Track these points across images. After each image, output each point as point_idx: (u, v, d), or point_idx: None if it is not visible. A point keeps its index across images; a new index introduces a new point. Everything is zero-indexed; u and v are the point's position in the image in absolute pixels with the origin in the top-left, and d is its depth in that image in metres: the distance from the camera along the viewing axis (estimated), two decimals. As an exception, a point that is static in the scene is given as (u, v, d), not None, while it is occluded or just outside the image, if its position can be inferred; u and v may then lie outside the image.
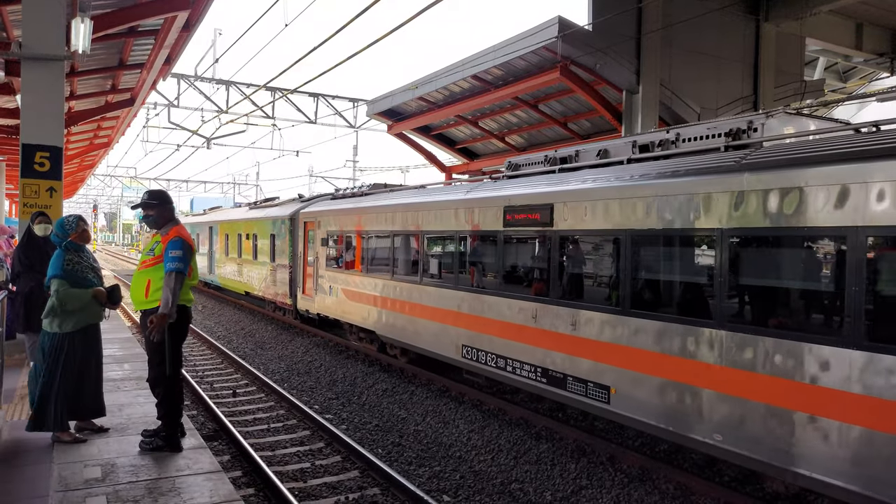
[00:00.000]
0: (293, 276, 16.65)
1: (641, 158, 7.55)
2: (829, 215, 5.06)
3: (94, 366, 5.73)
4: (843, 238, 4.99)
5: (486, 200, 9.22)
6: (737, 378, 5.73)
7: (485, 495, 6.59)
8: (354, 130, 26.26)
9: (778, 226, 5.45)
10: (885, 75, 18.25)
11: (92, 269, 5.72)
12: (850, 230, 4.91)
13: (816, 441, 5.10)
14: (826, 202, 5.08)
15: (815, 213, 5.17)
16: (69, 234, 5.65)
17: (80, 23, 8.52)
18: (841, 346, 4.96)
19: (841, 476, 4.92)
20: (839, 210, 4.98)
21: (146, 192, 5.93)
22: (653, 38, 13.60)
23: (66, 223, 5.70)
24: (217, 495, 4.66)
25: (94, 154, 28.19)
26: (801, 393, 5.23)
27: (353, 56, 10.58)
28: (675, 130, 7.30)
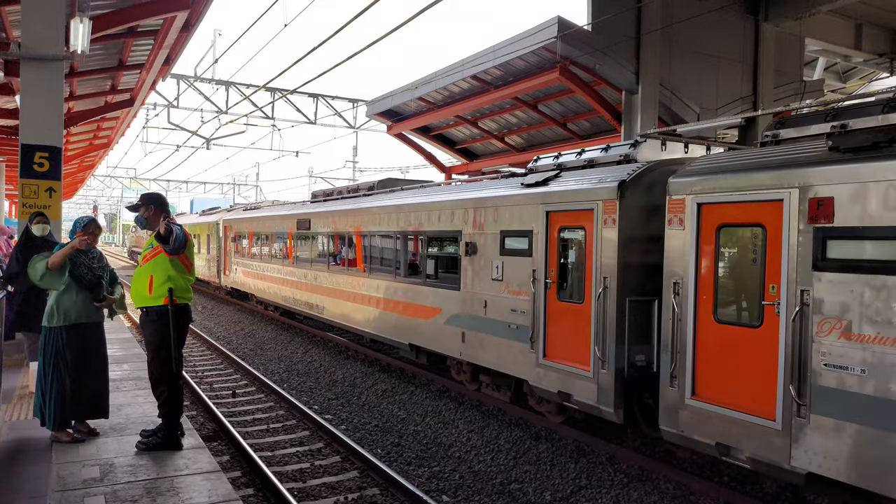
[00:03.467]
0: (219, 264, 24.10)
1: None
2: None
3: (93, 366, 5.70)
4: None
5: (295, 215, 16.83)
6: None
7: (484, 495, 6.58)
8: (354, 131, 26.28)
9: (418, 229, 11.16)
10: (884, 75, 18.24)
11: (89, 268, 5.70)
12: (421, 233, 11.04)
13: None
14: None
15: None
16: (76, 230, 5.76)
17: (79, 23, 8.51)
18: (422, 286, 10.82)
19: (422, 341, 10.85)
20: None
21: (141, 195, 5.97)
22: (652, 38, 13.60)
23: (78, 221, 5.87)
24: (216, 495, 4.65)
25: (93, 155, 28.17)
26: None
27: (353, 56, 10.58)
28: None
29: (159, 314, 5.42)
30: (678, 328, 6.33)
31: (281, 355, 13.73)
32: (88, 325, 5.68)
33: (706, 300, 6.16)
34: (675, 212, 6.46)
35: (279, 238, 17.98)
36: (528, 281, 8.28)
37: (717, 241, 6.12)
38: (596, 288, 7.29)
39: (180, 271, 5.53)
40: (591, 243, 7.43)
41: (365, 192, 14.29)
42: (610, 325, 7.12)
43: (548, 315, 8.05)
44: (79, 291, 5.62)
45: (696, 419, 6.11)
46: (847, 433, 4.96)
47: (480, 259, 9.23)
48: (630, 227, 7.13)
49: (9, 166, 23.87)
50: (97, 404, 5.81)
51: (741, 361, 5.82)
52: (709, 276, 6.17)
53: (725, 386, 5.93)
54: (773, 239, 5.57)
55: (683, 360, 6.27)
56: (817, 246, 5.22)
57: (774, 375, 5.48)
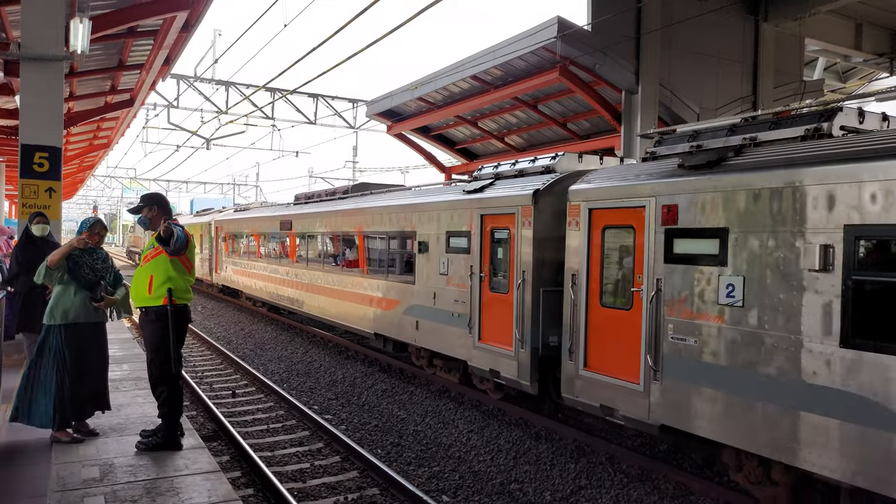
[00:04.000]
0: (211, 262, 25.28)
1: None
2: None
3: (92, 366, 5.69)
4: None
5: (278, 216, 18.15)
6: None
7: (484, 495, 6.58)
8: (354, 131, 26.28)
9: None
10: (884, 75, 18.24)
11: (92, 268, 5.69)
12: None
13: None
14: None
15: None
16: (81, 231, 5.79)
17: (79, 23, 8.51)
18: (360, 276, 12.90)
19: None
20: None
21: (142, 195, 5.98)
22: (652, 39, 13.59)
23: (84, 221, 5.92)
24: (215, 495, 4.65)
25: (93, 155, 28.18)
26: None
27: (353, 56, 10.58)
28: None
29: (158, 314, 5.42)
30: (574, 313, 7.62)
31: (281, 355, 13.73)
32: (88, 326, 5.66)
33: (595, 289, 7.48)
34: (573, 215, 7.75)
35: (264, 238, 19.32)
36: (466, 275, 9.54)
37: (603, 240, 7.43)
38: (517, 280, 8.55)
39: (180, 272, 5.53)
40: (514, 242, 8.68)
41: (340, 196, 15.42)
42: (527, 311, 8.38)
43: (482, 304, 9.30)
44: (78, 291, 5.60)
45: (587, 386, 7.44)
46: (686, 392, 6.24)
47: (430, 256, 10.47)
48: (543, 229, 8.38)
49: (9, 166, 23.87)
50: (97, 401, 5.83)
51: (618, 338, 7.09)
52: (596, 269, 7.48)
53: (608, 358, 7.24)
54: (639, 238, 6.85)
55: (578, 339, 7.57)
56: (667, 243, 6.53)
57: (639, 348, 6.76)
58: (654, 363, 6.52)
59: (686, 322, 6.28)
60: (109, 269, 5.87)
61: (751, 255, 5.76)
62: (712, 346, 6.02)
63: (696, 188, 6.26)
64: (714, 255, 6.07)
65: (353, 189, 15.31)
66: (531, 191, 8.45)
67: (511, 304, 8.63)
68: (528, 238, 8.39)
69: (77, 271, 5.60)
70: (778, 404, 5.46)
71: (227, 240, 23.46)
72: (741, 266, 5.84)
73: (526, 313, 8.39)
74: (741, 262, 5.83)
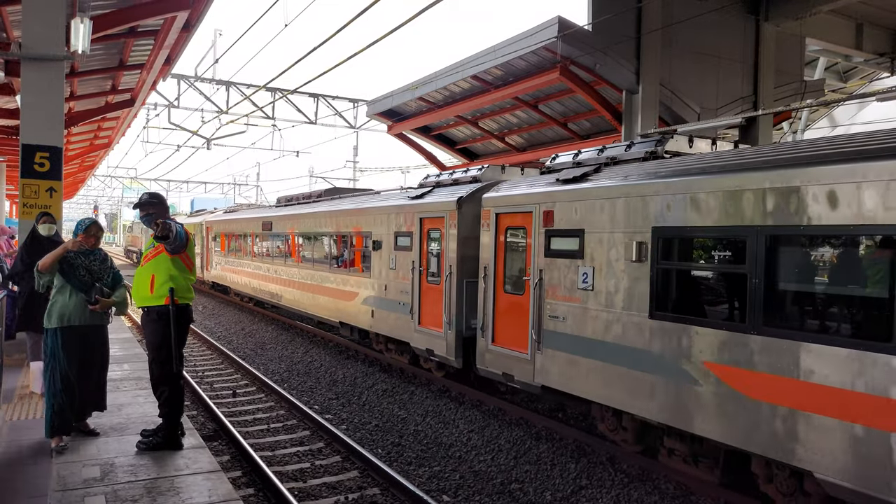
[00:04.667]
0: (202, 261, 26.30)
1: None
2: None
3: (90, 370, 5.62)
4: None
5: (260, 218, 19.93)
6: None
7: (484, 495, 6.58)
8: (355, 131, 26.27)
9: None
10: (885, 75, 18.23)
11: (89, 270, 5.63)
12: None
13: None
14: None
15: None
16: (77, 233, 5.70)
17: (80, 23, 8.52)
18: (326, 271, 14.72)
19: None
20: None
21: (145, 193, 5.97)
22: (652, 38, 13.59)
23: (80, 223, 5.83)
24: (216, 495, 4.65)
25: (94, 155, 28.18)
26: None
27: (353, 56, 10.58)
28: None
29: (160, 314, 5.42)
30: (485, 298, 9.27)
31: (281, 355, 13.73)
32: (86, 328, 5.56)
33: (500, 278, 9.10)
34: (485, 218, 9.39)
35: (248, 238, 21.10)
36: (410, 269, 11.13)
37: (506, 239, 9.03)
38: (446, 273, 10.17)
39: (182, 270, 5.53)
40: (444, 241, 10.34)
41: (314, 199, 17.17)
42: (453, 299, 9.99)
43: (421, 294, 10.92)
44: (74, 293, 5.52)
45: (494, 358, 9.08)
46: (558, 358, 7.85)
47: (382, 253, 12.13)
48: (466, 230, 9.99)
49: (9, 166, 23.88)
50: (95, 403, 5.79)
51: (515, 318, 8.71)
52: (501, 262, 9.11)
53: (508, 335, 8.86)
54: (529, 237, 8.46)
55: (488, 320, 9.20)
56: (546, 241, 8.12)
57: (527, 325, 8.35)
58: (537, 337, 8.16)
59: (558, 303, 7.90)
60: (108, 270, 5.78)
61: (598, 249, 7.33)
62: (574, 322, 7.60)
63: (565, 198, 7.88)
64: (575, 250, 7.64)
65: (325, 193, 17.08)
66: (456, 198, 10.12)
67: (442, 293, 10.28)
68: (454, 237, 10.03)
69: (72, 273, 5.52)
70: (619, 365, 6.95)
71: (216, 239, 25.24)
72: (592, 258, 7.41)
73: (452, 301, 9.99)
74: (592, 255, 7.40)
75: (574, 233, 7.65)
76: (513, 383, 8.67)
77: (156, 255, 5.48)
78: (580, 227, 7.58)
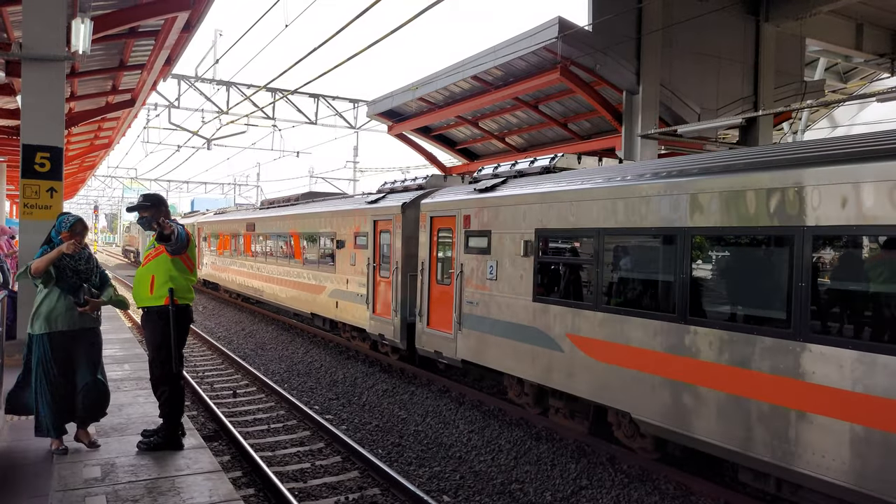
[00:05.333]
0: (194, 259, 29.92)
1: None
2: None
3: (85, 375, 5.36)
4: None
5: (245, 219, 21.57)
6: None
7: (485, 495, 6.58)
8: (355, 131, 26.29)
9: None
10: (885, 76, 18.23)
11: (75, 271, 5.33)
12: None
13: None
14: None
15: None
16: (60, 230, 5.38)
17: (81, 23, 8.52)
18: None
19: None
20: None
21: (141, 195, 5.90)
22: (653, 39, 13.59)
23: (62, 219, 5.45)
24: (217, 495, 4.66)
25: (94, 155, 28.18)
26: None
27: (354, 57, 10.59)
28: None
29: (159, 314, 5.41)
30: (423, 289, 10.86)
31: (282, 355, 13.74)
32: (75, 332, 5.30)
33: (433, 271, 10.71)
34: (423, 221, 10.98)
35: (235, 238, 22.82)
36: (366, 265, 12.85)
37: (438, 238, 10.61)
38: (393, 268, 11.79)
39: (182, 271, 5.52)
40: (392, 240, 11.94)
41: (292, 203, 18.89)
42: (399, 290, 11.57)
43: (374, 286, 12.59)
44: (61, 296, 5.23)
45: (428, 339, 10.73)
46: (473, 336, 9.53)
47: (345, 251, 13.91)
48: (409, 231, 11.53)
49: (10, 166, 23.89)
50: (92, 411, 5.49)
51: (444, 305, 10.32)
52: (434, 258, 10.71)
53: (439, 319, 10.49)
54: (454, 237, 10.07)
55: (424, 307, 10.83)
56: (465, 240, 9.73)
57: (452, 310, 10.00)
58: (458, 319, 9.82)
59: (473, 291, 9.52)
60: (94, 270, 5.48)
61: (500, 246, 8.93)
62: (484, 306, 9.27)
63: (478, 204, 9.51)
64: (485, 247, 9.29)
65: (302, 197, 18.83)
66: (401, 203, 11.71)
67: (391, 285, 11.86)
68: (399, 237, 11.64)
69: (59, 275, 5.25)
70: (515, 339, 8.61)
71: (206, 239, 26.78)
72: (496, 254, 9.01)
73: (398, 292, 11.58)
74: (496, 251, 9.01)
75: (484, 233, 9.32)
76: (442, 359, 10.37)
77: (156, 256, 5.46)
78: (488, 228, 9.23)
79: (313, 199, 17.60)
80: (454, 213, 10.02)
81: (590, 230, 7.43)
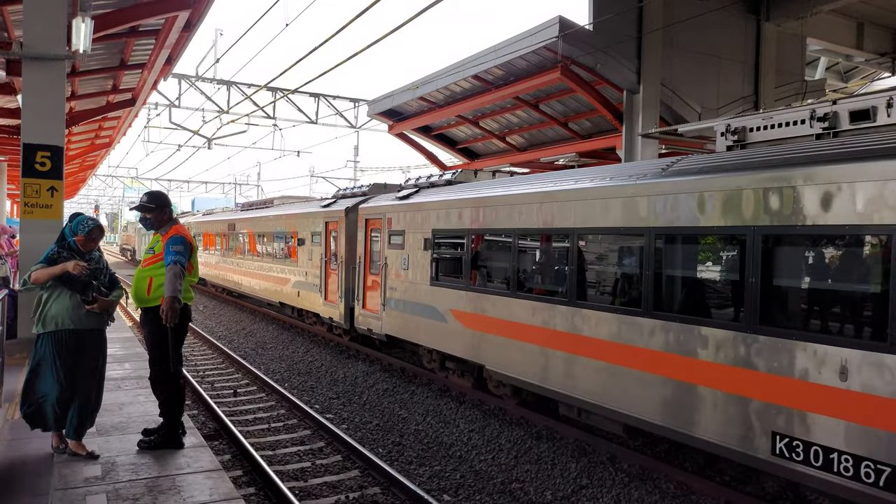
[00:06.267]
0: None
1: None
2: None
3: (85, 378, 5.22)
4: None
5: (227, 220, 24.10)
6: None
7: (485, 494, 6.59)
8: (355, 130, 26.27)
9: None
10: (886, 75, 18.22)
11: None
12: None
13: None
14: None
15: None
16: (76, 233, 5.24)
17: (81, 22, 8.51)
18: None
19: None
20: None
21: (145, 194, 5.86)
22: (653, 38, 13.59)
23: (80, 223, 5.30)
24: (217, 493, 4.66)
25: (95, 154, 28.20)
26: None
27: (354, 56, 10.58)
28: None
29: (157, 313, 5.41)
30: (359, 279, 13.17)
31: (282, 355, 13.74)
32: (83, 332, 5.19)
33: (367, 264, 13.00)
34: (360, 222, 13.31)
35: (218, 237, 25.29)
36: (320, 259, 15.20)
37: (370, 237, 12.87)
38: (339, 261, 14.11)
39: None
40: (338, 238, 14.31)
41: (266, 206, 21.86)
42: (344, 280, 13.83)
43: (326, 277, 14.90)
44: (69, 294, 5.10)
45: (364, 319, 12.96)
46: (393, 315, 11.67)
47: (305, 248, 16.24)
48: (350, 231, 13.82)
49: (11, 166, 23.89)
50: (90, 416, 5.35)
51: (374, 290, 12.52)
52: (367, 253, 12.99)
53: (371, 302, 12.70)
54: (382, 235, 12.17)
55: (360, 293, 13.14)
56: (388, 238, 11.90)
57: (379, 295, 12.15)
58: (383, 302, 11.98)
59: (393, 279, 11.67)
60: (103, 271, 5.37)
61: (410, 243, 11.14)
62: (401, 290, 11.41)
63: (397, 209, 11.74)
64: (401, 244, 11.45)
65: (277, 200, 21.64)
66: (344, 207, 14.10)
67: (338, 276, 14.12)
68: (343, 235, 13.98)
69: (66, 275, 5.07)
70: (420, 316, 10.77)
71: (195, 238, 30.05)
72: (408, 248, 11.18)
73: (342, 281, 13.85)
74: (408, 247, 11.20)
75: (400, 232, 11.47)
76: (373, 335, 12.53)
77: (155, 262, 5.45)
78: (403, 228, 11.41)
79: (284, 203, 20.34)
80: (381, 216, 12.24)
81: (461, 230, 9.77)
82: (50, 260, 5.12)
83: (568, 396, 7.63)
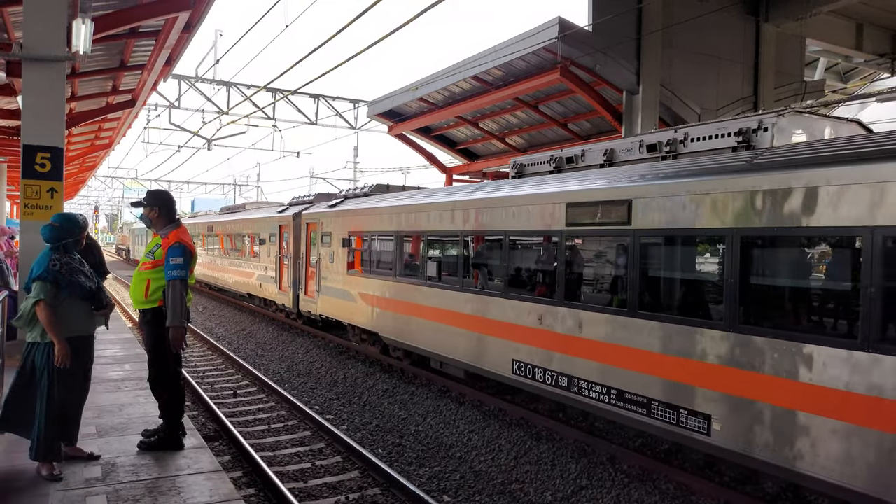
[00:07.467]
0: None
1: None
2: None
3: (83, 385, 5.14)
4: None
5: (207, 222, 27.88)
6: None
7: (485, 495, 6.59)
8: (355, 131, 26.30)
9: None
10: (885, 76, 18.24)
11: (81, 272, 5.04)
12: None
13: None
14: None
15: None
16: (76, 232, 5.11)
17: (81, 24, 8.52)
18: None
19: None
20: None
21: (147, 191, 5.88)
22: (653, 39, 13.60)
23: (82, 220, 5.23)
24: (217, 494, 4.66)
25: (95, 155, 28.18)
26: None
27: (354, 57, 10.59)
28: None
29: (155, 315, 5.41)
30: (302, 271, 16.14)
31: (282, 356, 13.74)
32: (87, 339, 5.12)
33: (308, 259, 15.80)
34: (303, 226, 16.30)
35: (202, 237, 28.08)
36: (276, 256, 18.11)
37: (310, 237, 15.73)
38: (289, 258, 17.04)
39: None
40: (288, 238, 17.17)
41: (239, 210, 25.41)
42: (292, 272, 16.80)
43: (280, 270, 17.80)
44: (76, 301, 4.93)
45: (305, 303, 15.94)
46: (325, 299, 14.74)
47: (265, 247, 19.16)
48: (297, 232, 16.74)
49: (10, 167, 23.88)
50: (78, 424, 5.21)
51: (312, 280, 15.38)
52: (308, 250, 15.89)
53: (309, 290, 15.66)
54: (318, 236, 15.10)
55: (302, 282, 16.12)
56: (321, 238, 14.92)
57: (314, 283, 15.25)
58: (317, 289, 14.99)
59: (325, 270, 14.61)
60: (99, 267, 5.47)
61: (334, 242, 14.02)
62: (330, 279, 14.32)
63: (327, 215, 14.65)
64: (329, 242, 14.29)
65: (248, 205, 25.35)
66: (293, 213, 17.03)
67: (290, 270, 16.91)
68: (291, 236, 16.92)
69: (75, 281, 4.93)
70: (343, 299, 13.64)
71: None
72: (333, 246, 14.12)
73: (290, 274, 16.84)
74: (333, 244, 14.09)
75: (329, 234, 14.43)
76: (312, 316, 15.61)
77: (154, 267, 5.44)
78: (330, 230, 14.40)
79: (254, 208, 23.87)
80: (317, 220, 15.22)
81: (364, 232, 12.82)
82: (55, 274, 4.83)
83: (433, 353, 10.41)
